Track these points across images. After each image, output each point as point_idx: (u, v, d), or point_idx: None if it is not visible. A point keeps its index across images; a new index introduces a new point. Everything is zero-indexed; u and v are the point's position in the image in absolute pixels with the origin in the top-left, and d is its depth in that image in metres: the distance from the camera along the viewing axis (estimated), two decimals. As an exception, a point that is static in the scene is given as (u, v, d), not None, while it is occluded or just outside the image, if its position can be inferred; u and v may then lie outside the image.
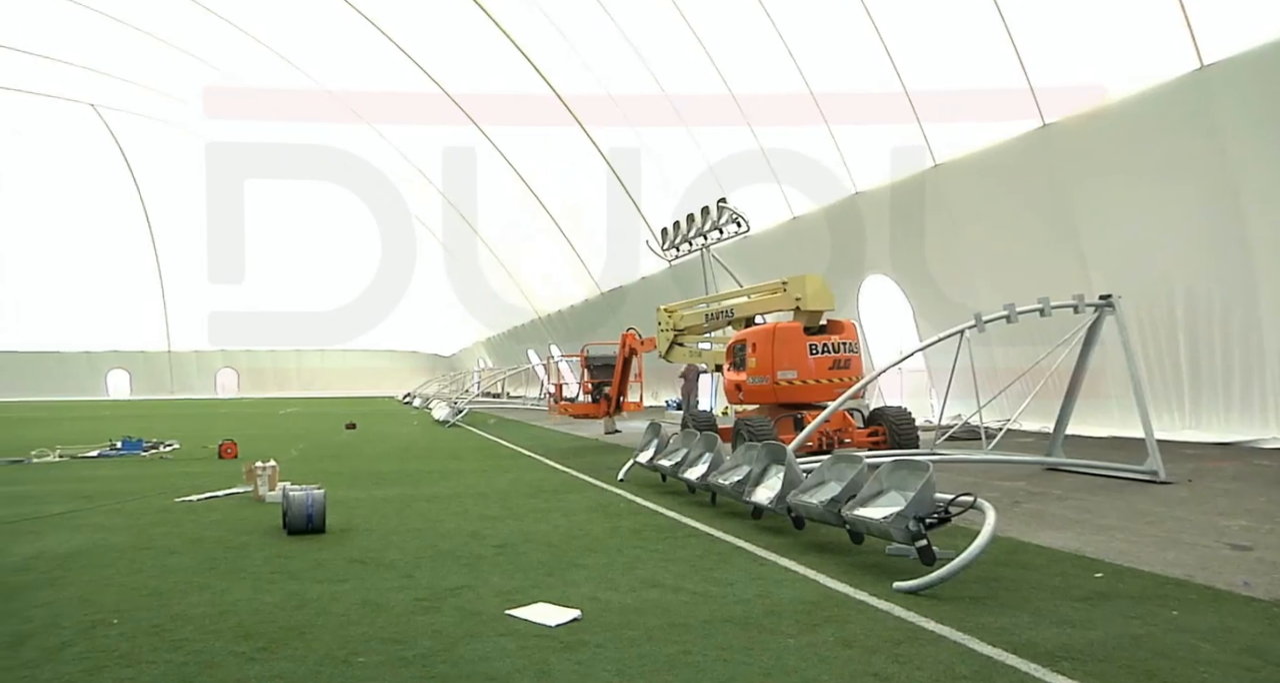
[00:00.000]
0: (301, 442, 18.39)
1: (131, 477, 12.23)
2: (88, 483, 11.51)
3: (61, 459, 14.84)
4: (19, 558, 6.68)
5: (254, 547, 7.02)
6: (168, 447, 16.58)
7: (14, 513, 8.87)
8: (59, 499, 9.87)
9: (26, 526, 8.16)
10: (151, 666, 4.16)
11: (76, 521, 8.42)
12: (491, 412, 31.78)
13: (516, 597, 5.34)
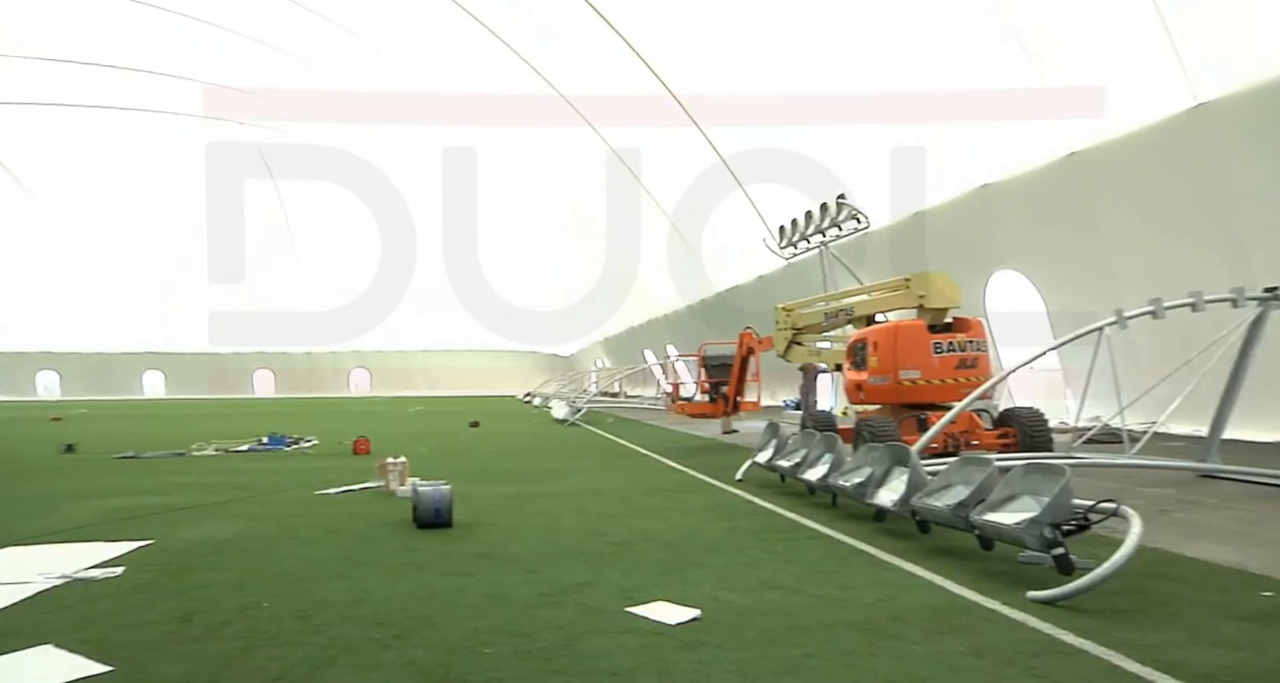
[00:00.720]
0: (429, 439, 19.16)
1: (276, 470, 13.04)
2: (239, 475, 12.35)
3: (217, 453, 15.98)
4: (186, 542, 7.24)
5: (386, 539, 7.36)
6: (307, 443, 17.60)
7: (180, 501, 9.61)
8: (216, 490, 10.63)
9: (191, 512, 8.83)
10: (298, 647, 4.42)
11: (231, 510, 9.05)
12: (609, 411, 32.22)
13: (636, 594, 5.39)
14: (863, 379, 12.58)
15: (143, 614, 5.04)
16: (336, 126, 43.26)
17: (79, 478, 12.18)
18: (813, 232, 18.08)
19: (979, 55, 16.49)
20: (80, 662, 4.20)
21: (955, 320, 12.11)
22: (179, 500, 9.68)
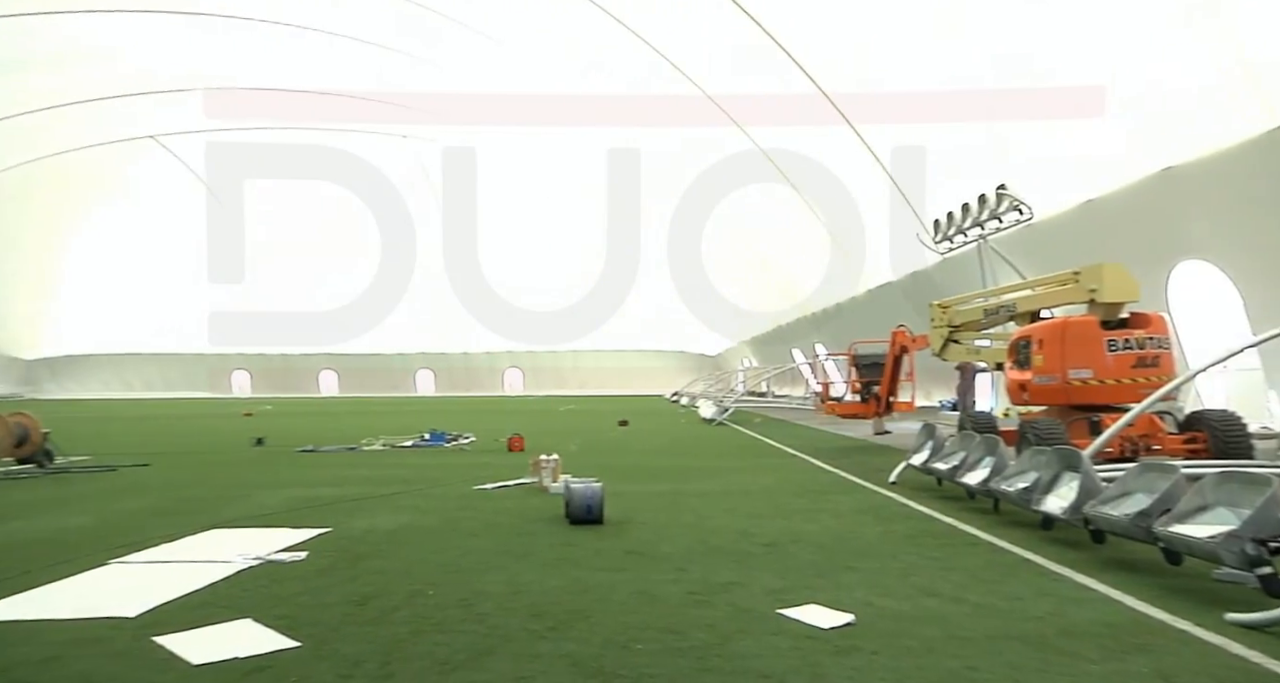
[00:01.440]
0: (579, 437, 19.66)
1: (438, 465, 13.75)
2: (404, 469, 13.11)
3: (383, 448, 17.03)
4: (358, 531, 7.76)
5: (540, 534, 7.61)
6: (466, 439, 18.46)
7: (353, 492, 10.31)
8: (384, 483, 11.33)
9: (363, 503, 9.45)
10: (460, 635, 4.64)
11: (398, 502, 9.62)
12: (757, 411, 31.96)
13: (787, 596, 5.32)
14: (1027, 379, 11.89)
15: (324, 596, 5.44)
16: (468, 127, 45.37)
17: (267, 469, 13.30)
18: (970, 225, 17.23)
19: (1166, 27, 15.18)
20: (274, 636, 4.59)
21: (1132, 316, 11.24)
22: (352, 492, 10.38)
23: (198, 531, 7.72)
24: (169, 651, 4.37)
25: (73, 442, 15.03)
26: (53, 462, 12.88)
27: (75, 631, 4.73)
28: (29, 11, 35.53)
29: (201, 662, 4.20)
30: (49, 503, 9.72)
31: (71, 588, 5.71)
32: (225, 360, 65.59)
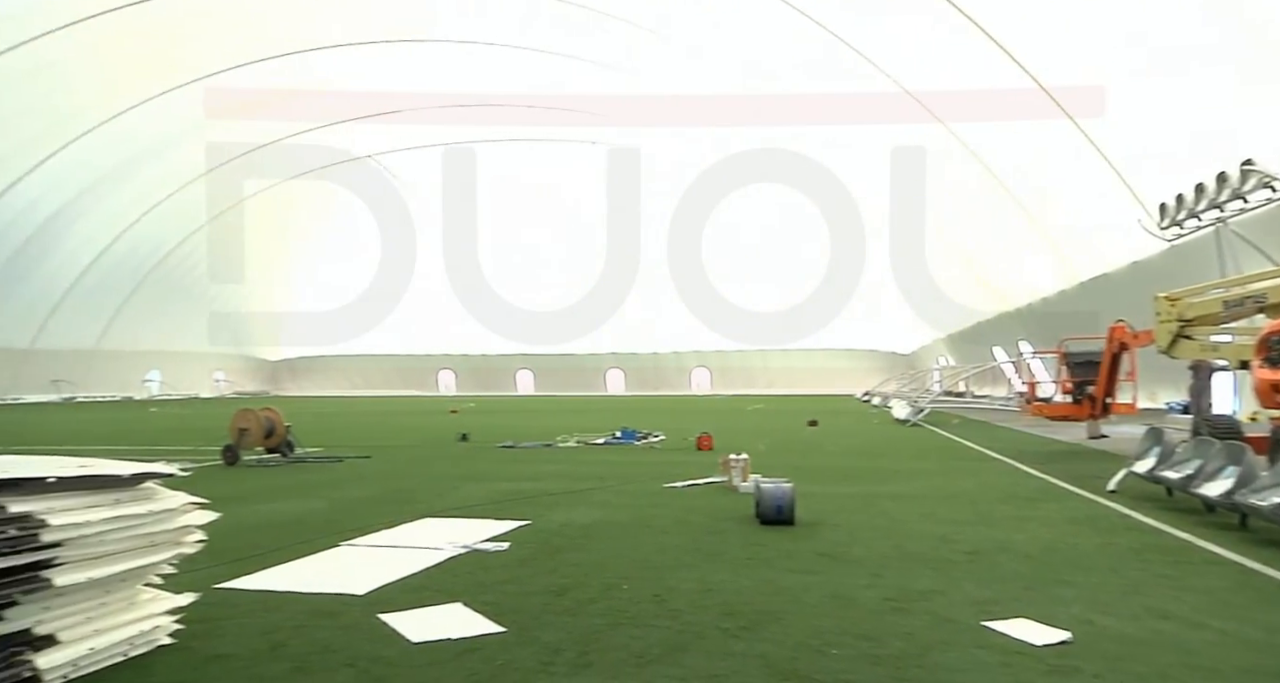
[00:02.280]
0: (768, 437, 19.49)
1: (629, 462, 14.09)
2: (597, 466, 13.53)
3: (577, 445, 17.67)
4: (555, 524, 8.10)
5: (730, 533, 7.61)
6: (655, 438, 18.78)
7: (550, 487, 10.78)
8: (578, 478, 11.75)
9: (559, 498, 9.86)
10: (654, 629, 4.73)
11: (592, 497, 9.95)
12: (954, 411, 30.35)
13: (993, 609, 5.01)
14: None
15: (526, 585, 5.72)
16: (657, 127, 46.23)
17: (472, 463, 14.16)
18: (1205, 207, 15.47)
19: None
20: (482, 621, 4.88)
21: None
22: (549, 487, 10.84)
23: (413, 519, 8.34)
24: (391, 627, 4.76)
25: (307, 435, 16.70)
26: (293, 452, 14.39)
27: (315, 603, 5.26)
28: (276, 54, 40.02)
29: (420, 640, 4.54)
30: (291, 489, 10.86)
31: (311, 566, 6.35)
32: (432, 361, 70.59)
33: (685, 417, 29.03)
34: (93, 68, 38.38)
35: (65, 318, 53.62)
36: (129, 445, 17.23)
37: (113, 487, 4.23)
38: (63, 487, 4.00)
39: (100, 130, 43.86)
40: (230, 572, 5.99)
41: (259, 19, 38.45)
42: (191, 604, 4.67)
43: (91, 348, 56.94)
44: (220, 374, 68.53)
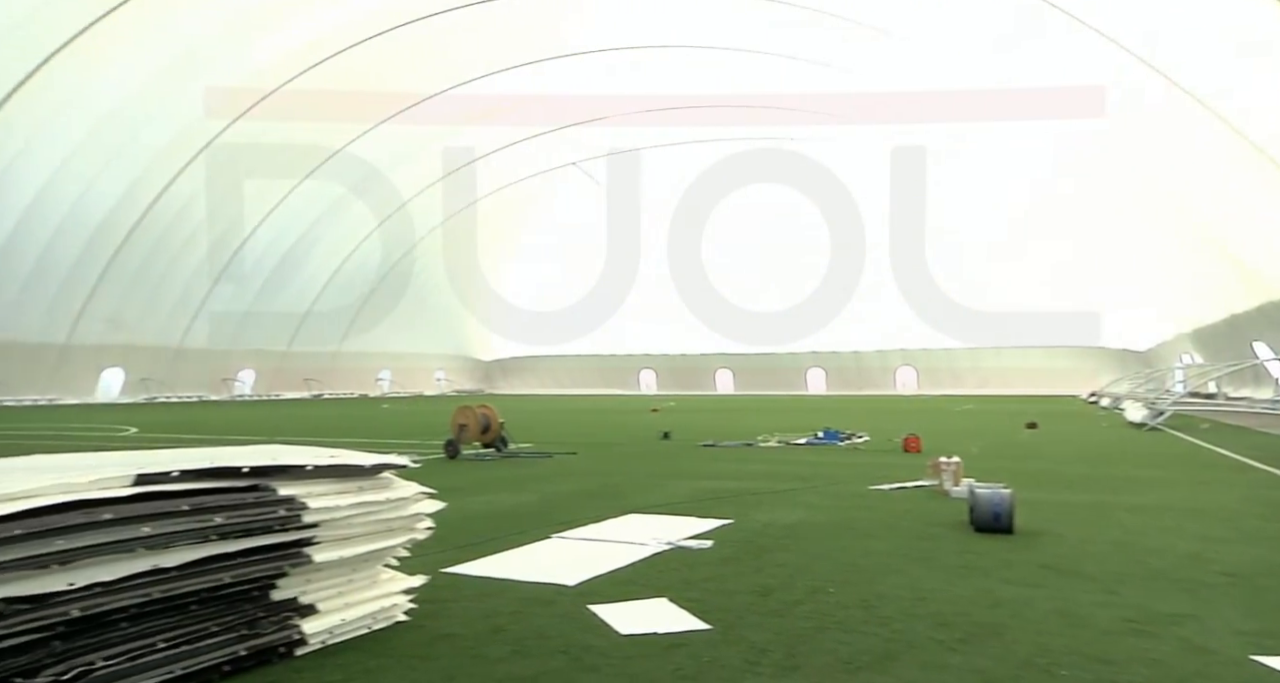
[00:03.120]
0: (980, 439, 18.36)
1: (832, 463, 13.76)
2: (799, 466, 13.33)
3: (778, 445, 17.49)
4: (759, 524, 8.06)
5: (942, 539, 7.23)
6: (859, 438, 18.23)
7: (752, 487, 10.75)
8: (780, 478, 11.64)
9: (762, 498, 9.81)
10: (863, 636, 4.59)
11: (795, 498, 9.81)
12: (1202, 415, 27.15)
13: (1266, 642, 4.42)
14: None
15: (730, 584, 5.73)
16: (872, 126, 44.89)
17: (674, 461, 14.40)
18: None
19: None
20: (687, 617, 4.95)
21: None
22: (751, 486, 10.81)
23: (618, 514, 8.59)
24: (601, 618, 4.93)
25: (519, 431, 17.67)
26: (506, 447, 15.28)
27: (530, 592, 5.55)
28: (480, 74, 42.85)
29: (628, 632, 4.67)
30: (505, 482, 11.53)
31: (524, 556, 6.71)
32: (634, 361, 72.52)
33: (890, 417, 27.97)
34: (335, 99, 42.80)
35: (313, 325, 60.40)
36: (365, 438, 19.02)
37: (357, 476, 4.68)
38: (318, 474, 4.48)
39: (338, 155, 49.01)
40: (454, 558, 6.45)
41: (490, 36, 41.37)
42: (423, 586, 5.07)
43: (335, 350, 63.49)
44: (441, 373, 74.13)
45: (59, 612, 3.37)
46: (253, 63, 39.40)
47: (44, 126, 38.69)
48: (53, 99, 37.20)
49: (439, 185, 56.98)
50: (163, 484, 3.87)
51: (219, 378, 56.78)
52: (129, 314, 49.37)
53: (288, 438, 17.40)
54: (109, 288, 47.49)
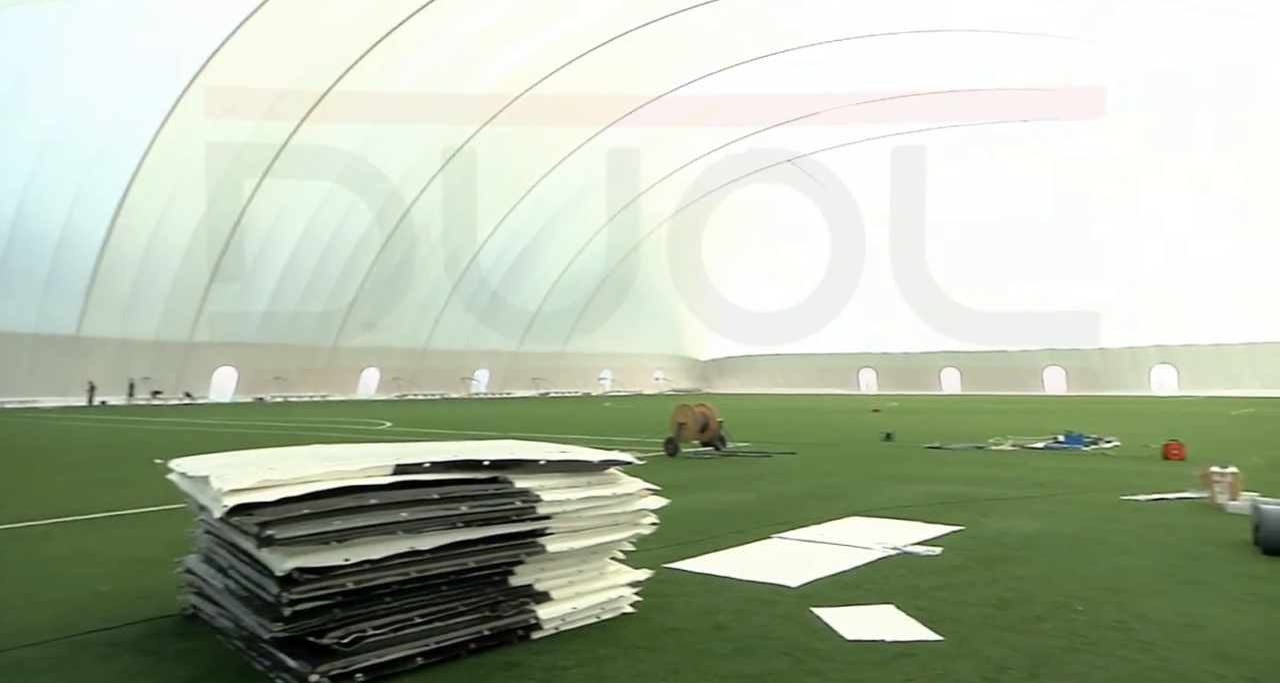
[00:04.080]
0: (1264, 449, 16.09)
1: (1076, 469, 12.63)
2: (1036, 472, 12.34)
3: (1012, 449, 16.31)
4: (993, 532, 7.56)
5: (1217, 560, 6.41)
6: (1108, 443, 16.59)
7: (983, 492, 10.10)
8: (1015, 484, 10.83)
9: (994, 504, 9.20)
10: (1119, 660, 4.16)
11: (1033, 506, 9.10)
12: None
13: None
14: None
15: (961, 594, 5.41)
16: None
17: (896, 463, 13.83)
18: None
19: None
20: (916, 626, 4.73)
21: None
22: (982, 492, 10.15)
23: (840, 516, 8.38)
24: (824, 622, 4.83)
25: (736, 430, 17.72)
26: (725, 446, 15.38)
27: (751, 591, 5.55)
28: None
29: (853, 638, 4.54)
30: (724, 480, 11.61)
31: (745, 555, 6.71)
32: (854, 360, 70.50)
33: (1144, 420, 25.23)
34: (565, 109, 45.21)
35: (541, 326, 64.14)
36: (589, 435, 19.87)
37: (586, 471, 4.90)
38: (550, 468, 4.74)
39: (564, 164, 51.74)
40: (676, 554, 6.58)
41: (724, 32, 42.09)
42: (647, 580, 5.21)
43: (560, 350, 66.98)
44: (660, 372, 76.02)
45: (338, 583, 3.81)
46: (494, 75, 42.39)
47: (316, 160, 44.00)
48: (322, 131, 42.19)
49: (661, 186, 58.61)
50: (417, 474, 4.26)
51: (458, 377, 61.71)
52: (382, 319, 54.95)
53: (520, 434, 18.58)
54: (366, 296, 53.10)
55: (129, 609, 5.14)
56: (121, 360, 45.77)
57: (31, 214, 39.73)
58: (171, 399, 47.52)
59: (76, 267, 42.25)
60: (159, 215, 42.66)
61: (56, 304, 42.68)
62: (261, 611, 3.90)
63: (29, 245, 40.52)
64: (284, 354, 51.88)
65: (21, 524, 8.33)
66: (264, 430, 22.92)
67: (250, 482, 3.84)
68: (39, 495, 10.70)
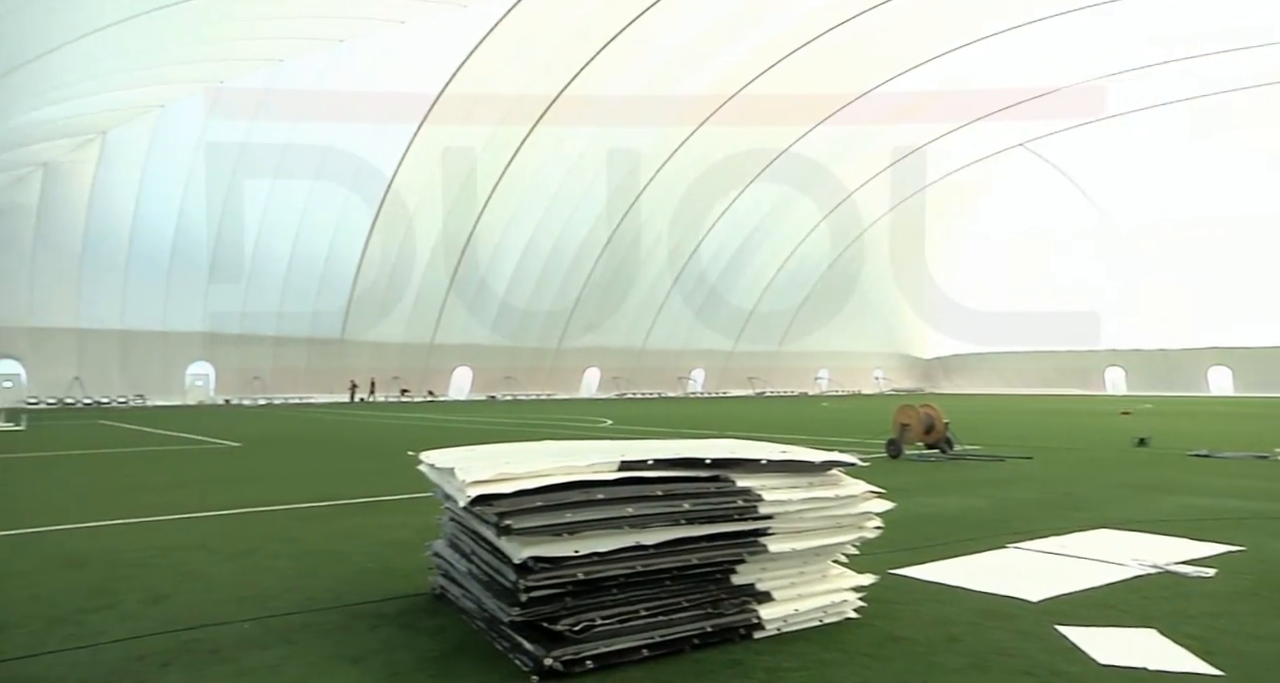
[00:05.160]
0: None
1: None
2: (1337, 487, 10.63)
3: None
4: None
5: None
6: None
7: (1268, 509, 8.84)
8: (1307, 500, 9.40)
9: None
10: None
11: (1331, 526, 7.85)
12: None
13: None
14: None
15: (1243, 624, 4.76)
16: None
17: (1152, 471, 12.45)
18: None
19: None
20: (1186, 656, 4.22)
21: None
22: (1268, 508, 8.89)
23: (1085, 527, 7.67)
24: (1071, 641, 4.43)
25: (964, 432, 16.72)
26: (952, 449, 14.57)
27: (986, 603, 5.21)
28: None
29: (1108, 662, 4.13)
30: (952, 485, 11.00)
31: (978, 564, 6.31)
32: (1098, 357, 64.37)
33: None
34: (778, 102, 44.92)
35: (757, 325, 64.06)
36: (806, 435, 19.55)
37: (807, 471, 4.82)
38: (771, 468, 4.71)
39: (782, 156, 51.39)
40: (902, 559, 6.31)
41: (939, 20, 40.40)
42: (872, 585, 5.04)
43: (776, 350, 66.51)
44: (879, 372, 73.37)
45: (569, 573, 4.01)
46: (707, 76, 42.93)
47: (542, 166, 46.66)
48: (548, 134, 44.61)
49: (878, 181, 56.72)
50: (641, 471, 4.39)
51: (674, 376, 62.97)
52: (602, 320, 57.26)
53: (737, 433, 18.67)
54: (589, 298, 55.56)
55: (389, 586, 5.70)
56: (376, 362, 51.06)
57: (306, 237, 45.70)
58: (416, 397, 52.32)
59: (340, 279, 47.76)
60: (404, 230, 47.20)
61: (325, 313, 48.53)
62: (500, 595, 4.19)
63: (303, 265, 46.58)
64: (513, 355, 55.51)
65: (307, 505, 9.50)
66: (497, 426, 24.63)
67: (490, 474, 4.13)
68: (321, 481, 12.15)
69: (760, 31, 39.89)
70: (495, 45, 37.80)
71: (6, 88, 24.92)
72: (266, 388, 48.34)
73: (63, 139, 37.03)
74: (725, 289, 59.98)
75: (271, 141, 40.80)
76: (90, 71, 27.42)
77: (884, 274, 64.93)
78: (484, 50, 38.03)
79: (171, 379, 46.94)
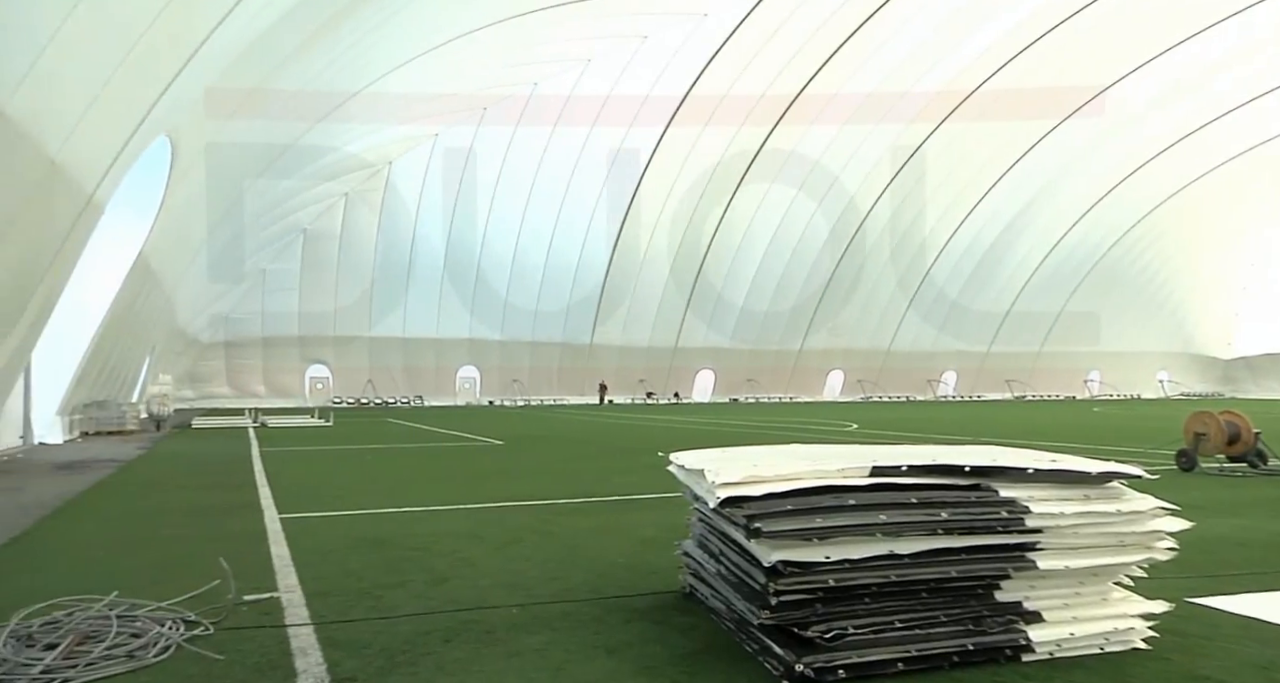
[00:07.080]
0: None
1: None
2: None
3: None
4: None
5: None
6: None
7: None
8: None
9: None
10: None
11: None
12: None
13: None
14: None
15: None
16: None
17: None
18: None
19: None
20: None
21: None
22: None
23: None
24: None
25: (1279, 444, 14.41)
26: (1265, 464, 12.61)
27: (1315, 645, 4.45)
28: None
29: None
30: (1264, 504, 9.53)
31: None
32: None
33: None
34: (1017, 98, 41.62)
35: (1014, 325, 59.46)
36: (1075, 442, 17.80)
37: (1082, 483, 4.38)
38: (1039, 478, 4.34)
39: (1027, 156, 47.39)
40: (1203, 587, 5.55)
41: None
42: (1164, 613, 4.48)
43: (1037, 350, 61.31)
44: (1164, 374, 65.28)
45: (820, 579, 3.93)
46: (944, 72, 40.76)
47: (784, 166, 46.34)
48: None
49: (1155, 164, 50.63)
50: (894, 477, 4.21)
51: (923, 379, 59.95)
52: (846, 322, 55.78)
53: (994, 439, 17.41)
54: (829, 300, 54.41)
55: (640, 581, 5.90)
56: (624, 365, 53.30)
57: (558, 250, 48.87)
58: (662, 399, 53.92)
59: (589, 285, 50.50)
60: (648, 235, 48.93)
61: (576, 319, 51.55)
62: (750, 597, 4.19)
63: (556, 275, 49.80)
64: (755, 358, 55.60)
65: (563, 501, 10.11)
66: (740, 429, 24.77)
67: (739, 476, 4.15)
68: (575, 478, 12.89)
69: (1000, 23, 37.20)
70: (733, 51, 38.14)
71: (323, 128, 28.99)
72: (524, 389, 52.13)
73: (359, 171, 42.30)
74: (977, 288, 56.14)
75: (526, 161, 44.17)
76: (376, 113, 31.13)
77: (1168, 263, 57.72)
78: (723, 56, 38.52)
79: (444, 381, 52.01)
